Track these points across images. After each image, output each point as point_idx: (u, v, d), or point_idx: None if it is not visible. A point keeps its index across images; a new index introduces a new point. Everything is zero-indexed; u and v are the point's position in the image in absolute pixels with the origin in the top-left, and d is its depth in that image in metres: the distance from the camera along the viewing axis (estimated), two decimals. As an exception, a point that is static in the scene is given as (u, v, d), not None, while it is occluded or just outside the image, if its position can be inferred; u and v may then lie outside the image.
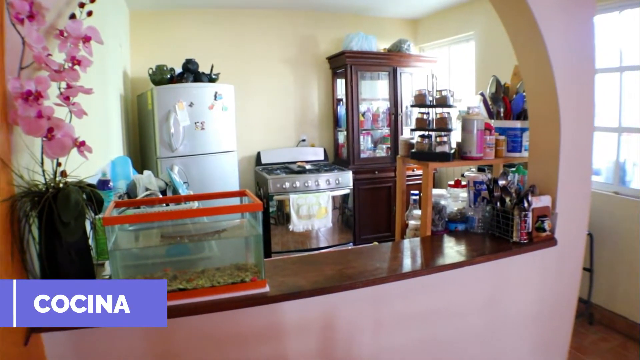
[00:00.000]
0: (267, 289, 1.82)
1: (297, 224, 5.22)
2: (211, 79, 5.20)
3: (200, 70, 5.15)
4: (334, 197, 5.49)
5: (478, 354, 2.55)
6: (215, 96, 4.97)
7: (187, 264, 1.86)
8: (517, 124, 2.92)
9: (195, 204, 2.50)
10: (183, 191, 3.34)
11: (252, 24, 5.94)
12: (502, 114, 3.00)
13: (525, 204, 2.46)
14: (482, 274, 2.41)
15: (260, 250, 1.88)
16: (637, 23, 3.68)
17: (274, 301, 1.82)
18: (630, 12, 3.87)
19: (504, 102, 2.99)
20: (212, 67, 5.24)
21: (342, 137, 6.37)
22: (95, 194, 1.64)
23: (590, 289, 3.98)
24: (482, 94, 3.10)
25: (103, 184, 2.34)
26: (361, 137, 6.05)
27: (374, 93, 6.43)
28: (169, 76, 4.99)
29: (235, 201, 2.16)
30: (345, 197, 5.65)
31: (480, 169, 3.49)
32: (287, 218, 5.24)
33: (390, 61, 6.03)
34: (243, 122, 5.70)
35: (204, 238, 1.97)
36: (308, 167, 5.71)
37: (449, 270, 2.25)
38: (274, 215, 5.28)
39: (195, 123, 4.88)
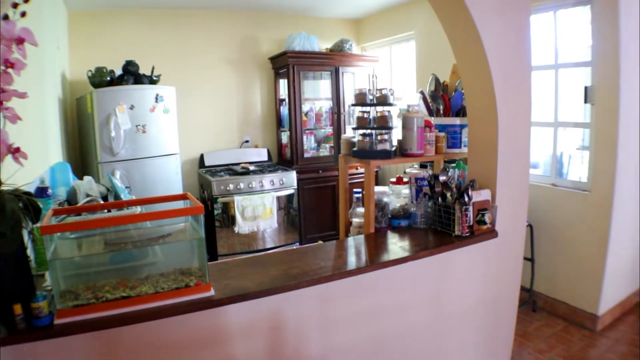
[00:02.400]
0: (212, 292, 1.85)
1: (242, 226, 5.24)
2: (152, 80, 5.14)
3: (141, 72, 5.09)
4: (278, 198, 5.55)
5: (425, 346, 2.66)
6: (157, 98, 4.92)
7: (131, 271, 1.85)
8: (457, 120, 3.04)
9: (137, 209, 2.49)
10: (125, 196, 3.30)
11: (194, 25, 5.92)
12: (441, 111, 3.11)
13: (466, 199, 2.57)
14: (426, 268, 2.51)
15: (203, 253, 1.90)
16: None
17: (219, 305, 1.84)
18: (565, 12, 4.09)
19: (443, 99, 3.11)
20: (153, 68, 5.19)
21: (285, 137, 6.43)
22: (32, 202, 1.63)
23: (532, 278, 4.18)
24: (421, 92, 3.20)
25: (41, 191, 2.29)
26: (304, 137, 6.13)
27: (317, 93, 6.53)
28: (108, 78, 4.89)
29: (177, 205, 2.17)
30: (290, 197, 5.73)
31: (423, 166, 3.60)
32: (232, 220, 5.25)
33: (332, 61, 6.13)
34: (185, 124, 5.68)
35: (146, 244, 1.97)
36: (252, 168, 5.74)
37: (394, 266, 2.33)
38: (219, 218, 5.28)
39: (137, 126, 4.82)
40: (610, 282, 3.89)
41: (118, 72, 5.02)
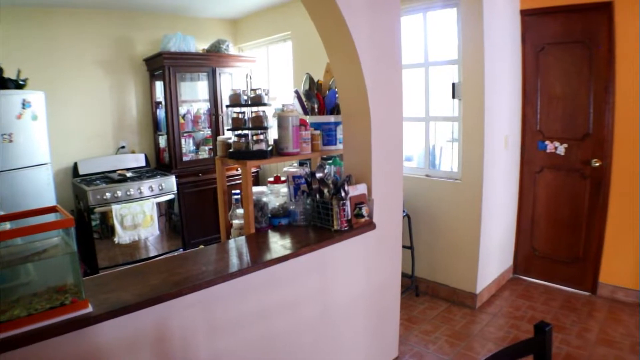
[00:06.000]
0: (90, 309, 1.80)
1: (122, 236, 5.09)
2: (18, 85, 4.83)
3: (6, 75, 4.77)
4: (159, 204, 5.47)
5: (316, 339, 2.78)
6: (24, 104, 4.66)
7: (0, 294, 1.76)
8: (331, 118, 3.18)
9: (7, 226, 2.38)
10: (-11, 213, 3.13)
11: (64, 25, 5.61)
12: (316, 110, 3.24)
13: (343, 194, 2.71)
14: (309, 264, 2.63)
15: (77, 268, 1.86)
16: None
17: (98, 321, 1.79)
18: (434, 13, 4.39)
19: (318, 98, 3.24)
20: (19, 71, 4.89)
21: (163, 141, 6.31)
22: None
23: (413, 265, 4.47)
24: (296, 92, 3.31)
25: None
26: (183, 140, 6.07)
27: (195, 94, 6.50)
28: (-30, 83, 4.57)
29: (49, 218, 2.10)
30: (170, 203, 5.66)
31: (302, 163, 3.72)
32: (111, 230, 5.09)
33: (209, 62, 6.13)
34: (56, 131, 5.39)
35: (14, 263, 1.87)
36: (129, 174, 5.60)
37: (276, 265, 2.42)
38: (97, 229, 5.09)
39: (2, 135, 4.54)
40: (485, 262, 4.27)
41: (-20, 75, 4.70)
